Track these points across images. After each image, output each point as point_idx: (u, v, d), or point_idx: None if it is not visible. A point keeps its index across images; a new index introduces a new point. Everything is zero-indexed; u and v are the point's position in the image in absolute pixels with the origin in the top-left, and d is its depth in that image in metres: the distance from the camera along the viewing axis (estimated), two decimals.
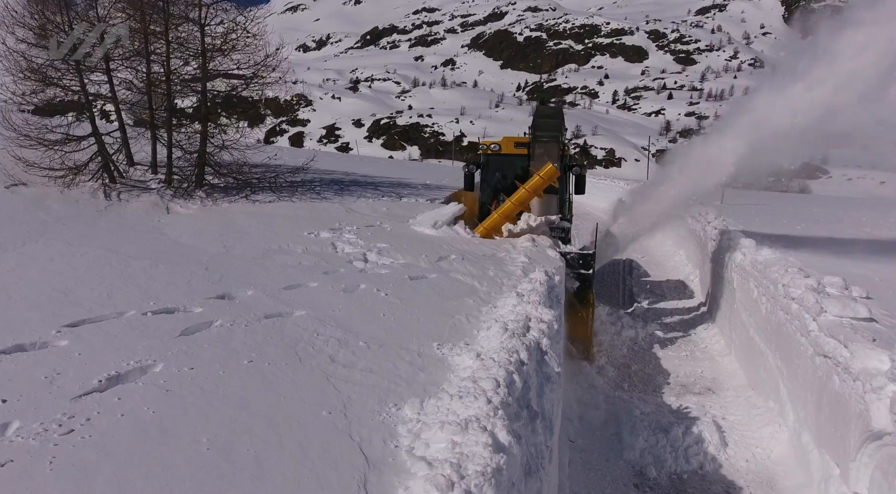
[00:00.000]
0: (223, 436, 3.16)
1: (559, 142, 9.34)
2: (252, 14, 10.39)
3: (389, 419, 3.52)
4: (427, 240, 8.11)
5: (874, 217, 14.40)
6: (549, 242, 8.38)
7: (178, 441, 3.07)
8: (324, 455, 3.11)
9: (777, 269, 7.41)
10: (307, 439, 3.23)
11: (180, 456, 2.95)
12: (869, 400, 4.95)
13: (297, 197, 10.66)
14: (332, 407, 3.59)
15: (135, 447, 2.97)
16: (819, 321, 5.93)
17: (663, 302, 11.74)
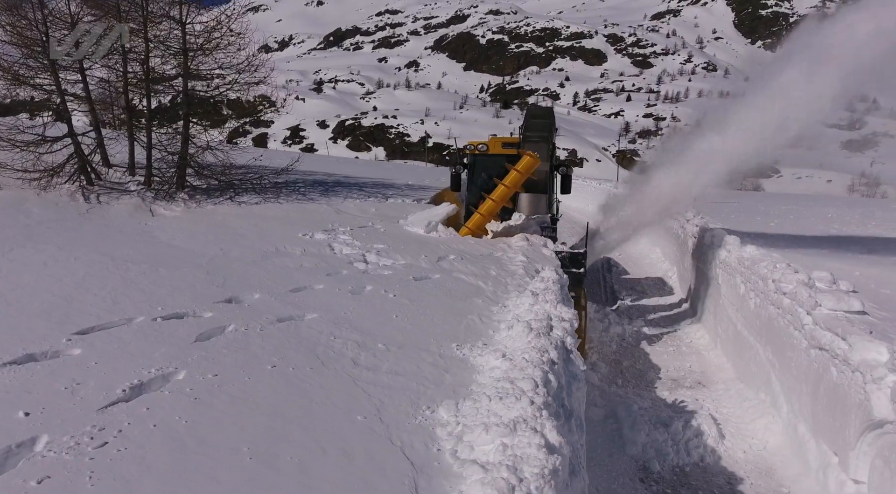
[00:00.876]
0: (262, 444, 3.03)
1: (549, 142, 9.38)
2: (235, 12, 10.11)
3: (426, 422, 3.44)
4: (422, 241, 8.03)
5: (839, 213, 14.91)
6: (542, 241, 8.39)
7: (217, 450, 2.94)
8: (369, 462, 3.01)
9: (765, 265, 7.57)
10: (349, 445, 3.13)
11: (223, 467, 2.81)
12: (870, 391, 5.08)
13: (283, 198, 10.44)
14: (365, 412, 3.49)
15: (174, 458, 2.83)
16: (814, 315, 6.07)
17: (645, 299, 11.89)
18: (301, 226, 8.27)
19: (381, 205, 10.47)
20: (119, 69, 10.50)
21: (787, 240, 10.16)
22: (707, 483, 6.01)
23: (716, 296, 9.34)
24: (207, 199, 9.90)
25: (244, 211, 9.17)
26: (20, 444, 2.79)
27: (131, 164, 10.91)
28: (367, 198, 10.94)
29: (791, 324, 6.57)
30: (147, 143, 10.44)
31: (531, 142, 9.55)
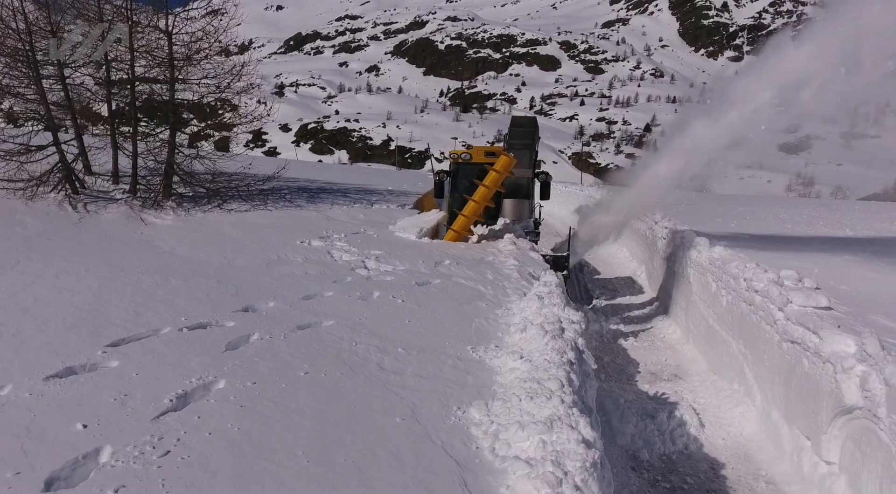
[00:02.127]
0: (316, 448, 3.13)
1: (532, 150, 9.63)
2: (223, 24, 10.02)
3: (460, 422, 3.59)
4: (416, 247, 8.15)
5: (790, 214, 15.68)
6: (528, 245, 8.62)
7: (276, 455, 3.02)
8: (417, 461, 3.14)
9: (736, 265, 7.97)
10: (394, 446, 3.25)
11: (287, 471, 2.90)
12: (840, 380, 5.45)
13: (271, 205, 10.40)
14: (402, 414, 3.61)
15: (237, 464, 2.90)
16: (785, 311, 6.45)
17: (618, 297, 12.28)
18: (296, 233, 8.28)
19: (368, 211, 10.54)
20: (103, 78, 10.30)
21: (749, 240, 10.65)
22: (693, 470, 6.32)
23: (687, 294, 9.74)
24: (195, 207, 9.79)
25: (235, 218, 9.12)
26: (86, 455, 2.82)
27: (115, 173, 10.70)
28: (354, 205, 10.99)
29: (763, 320, 6.96)
30: (133, 152, 10.26)
31: (515, 150, 9.80)
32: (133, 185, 10.25)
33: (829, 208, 18.56)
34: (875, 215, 17.34)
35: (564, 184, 24.62)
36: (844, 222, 14.81)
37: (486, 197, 8.79)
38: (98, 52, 10.00)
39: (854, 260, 9.49)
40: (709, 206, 16.44)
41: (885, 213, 18.25)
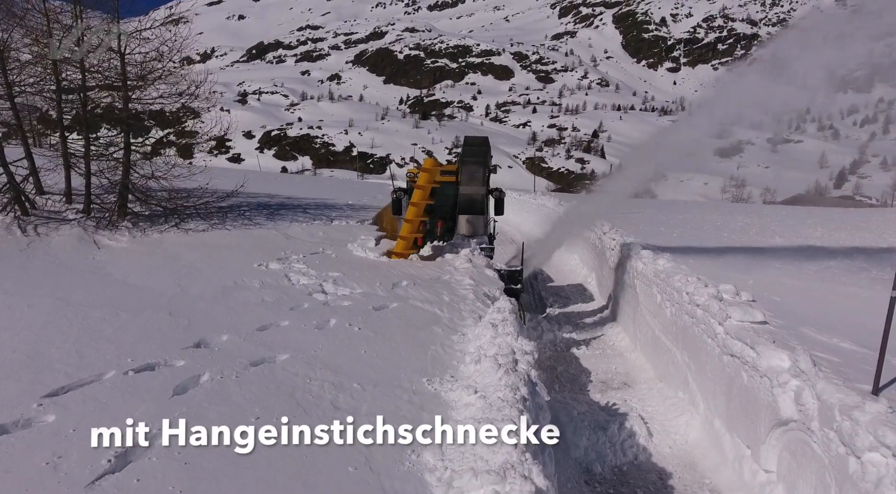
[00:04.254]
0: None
1: (485, 167, 9.50)
2: (178, 44, 9.53)
3: (414, 468, 3.39)
4: (374, 266, 7.91)
5: (725, 220, 16.08)
6: (483, 261, 8.48)
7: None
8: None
9: (679, 279, 8.02)
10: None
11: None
12: (776, 393, 5.49)
13: (230, 223, 9.97)
14: (356, 461, 3.40)
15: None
16: (725, 325, 6.50)
17: (570, 305, 12.29)
18: (254, 254, 7.93)
19: (327, 228, 10.22)
20: (54, 98, 9.69)
21: (690, 251, 10.80)
22: (643, 480, 6.29)
23: (634, 304, 9.79)
24: (152, 227, 9.30)
25: (193, 239, 8.69)
26: None
27: (68, 192, 10.09)
28: (313, 222, 10.64)
29: (704, 332, 7.00)
30: (86, 170, 9.69)
31: (468, 164, 9.65)
32: (87, 205, 9.68)
33: (760, 214, 19.16)
34: (801, 221, 17.99)
35: (518, 193, 24.70)
36: (774, 229, 15.29)
37: (416, 213, 8.50)
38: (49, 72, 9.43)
39: (783, 270, 9.72)
40: (652, 214, 16.69)
41: (810, 219, 18.95)
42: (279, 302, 6.08)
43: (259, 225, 9.99)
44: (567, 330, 10.66)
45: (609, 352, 9.78)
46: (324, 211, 11.91)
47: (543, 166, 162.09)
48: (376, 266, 7.92)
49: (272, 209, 11.57)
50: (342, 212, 11.88)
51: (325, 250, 8.50)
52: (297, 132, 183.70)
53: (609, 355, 9.66)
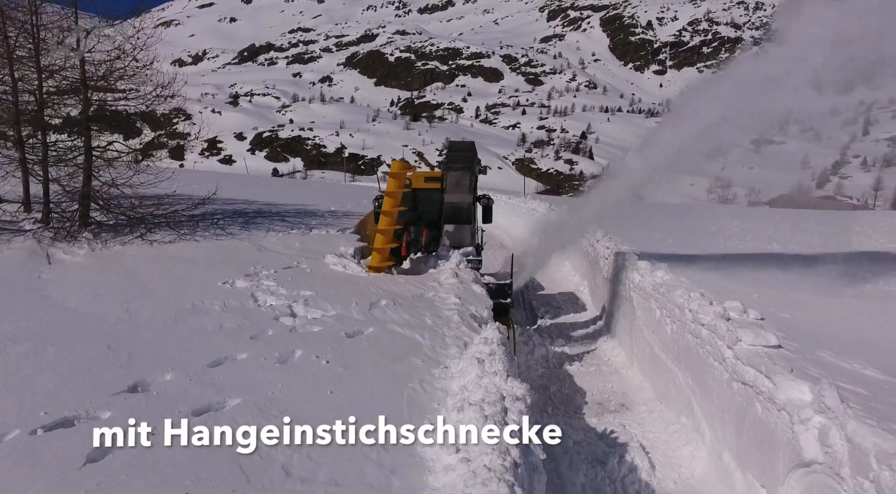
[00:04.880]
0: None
1: (471, 174, 8.79)
2: (140, 42, 8.72)
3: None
4: (351, 282, 7.16)
5: (721, 225, 15.45)
6: (471, 275, 7.76)
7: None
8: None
9: (681, 294, 7.34)
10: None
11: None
12: (797, 431, 4.82)
13: (201, 234, 9.17)
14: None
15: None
16: (735, 349, 5.82)
17: (562, 315, 11.61)
18: (221, 270, 7.15)
19: (305, 237, 9.45)
20: (10, 99, 8.85)
21: (688, 261, 10.15)
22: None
23: (630, 317, 9.12)
24: (115, 238, 8.48)
25: (157, 252, 7.89)
26: None
27: (26, 200, 9.25)
28: (291, 231, 9.86)
29: (711, 355, 6.33)
30: (44, 177, 8.85)
31: (454, 170, 8.93)
32: (45, 214, 8.84)
33: (755, 219, 18.60)
34: (796, 225, 17.44)
35: (508, 196, 24.01)
36: (771, 234, 14.70)
37: (388, 223, 7.65)
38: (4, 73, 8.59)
39: (787, 281, 9.08)
40: (644, 219, 16.05)
41: (804, 223, 18.41)
42: (240, 329, 5.32)
43: (232, 235, 9.20)
44: (559, 343, 9.98)
45: (604, 369, 9.10)
46: (303, 218, 11.12)
47: (533, 167, 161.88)
48: (354, 282, 7.17)
49: (248, 217, 10.76)
50: (323, 220, 11.09)
51: (300, 264, 7.74)
52: (288, 134, 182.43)
53: (605, 372, 8.98)
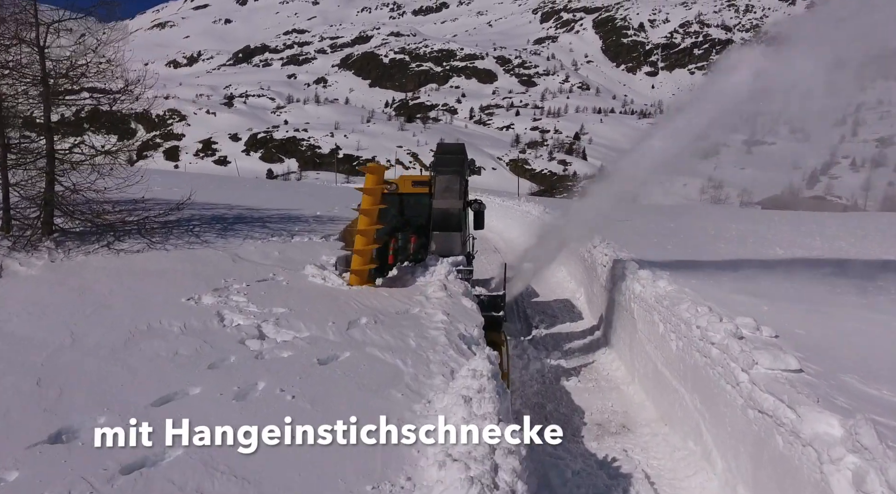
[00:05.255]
0: None
1: (462, 177, 8.16)
2: (105, 36, 8.05)
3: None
4: (330, 296, 6.51)
5: (718, 228, 14.87)
6: (461, 288, 7.13)
7: None
8: None
9: (687, 308, 6.74)
10: None
11: None
12: (827, 471, 4.22)
13: (174, 242, 8.50)
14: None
15: None
16: (751, 374, 5.22)
17: (558, 325, 11.00)
18: (188, 283, 6.49)
19: (285, 246, 8.79)
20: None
21: (688, 268, 9.57)
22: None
23: (631, 329, 8.52)
24: (80, 247, 7.80)
25: (121, 263, 7.22)
26: None
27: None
28: (271, 238, 9.19)
29: (723, 377, 5.73)
30: (3, 181, 8.17)
31: (443, 175, 8.30)
32: (6, 222, 8.16)
33: (754, 221, 18.01)
34: (796, 228, 16.89)
35: (502, 198, 23.38)
36: (771, 238, 14.14)
37: (367, 223, 6.98)
38: None
39: (796, 291, 8.50)
40: (642, 223, 15.47)
41: (804, 226, 17.88)
42: (198, 355, 4.67)
43: (206, 243, 8.53)
44: (555, 356, 9.38)
45: (603, 384, 8.50)
46: (286, 224, 10.45)
47: (526, 168, 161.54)
48: (334, 296, 6.53)
49: (227, 223, 10.07)
50: (307, 226, 10.42)
51: (276, 276, 7.08)
52: (283, 134, 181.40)
53: (604, 388, 8.38)
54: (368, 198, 6.73)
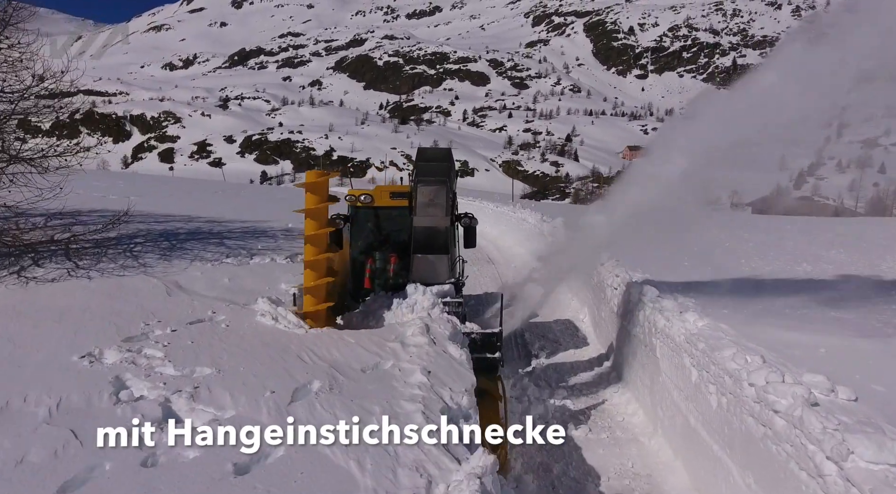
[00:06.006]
0: None
1: (448, 189, 6.61)
2: (8, 16, 6.47)
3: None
4: (278, 345, 4.97)
5: (733, 242, 13.40)
6: (448, 328, 5.59)
7: None
8: None
9: (732, 356, 5.24)
10: None
11: None
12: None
13: (104, 265, 6.94)
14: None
15: None
16: (846, 468, 3.72)
17: (561, 352, 9.48)
18: (94, 330, 4.94)
19: (239, 269, 7.24)
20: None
21: (714, 292, 8.11)
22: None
23: (652, 369, 7.02)
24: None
25: (21, 298, 5.66)
26: None
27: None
28: (225, 259, 7.64)
29: (794, 460, 4.23)
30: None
31: (426, 185, 6.71)
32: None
33: (765, 230, 16.56)
34: (813, 238, 15.39)
35: (495, 204, 21.84)
36: (791, 250, 12.66)
37: (314, 252, 5.37)
38: None
39: (846, 323, 7.02)
40: (646, 233, 13.97)
41: (820, 234, 16.40)
42: (54, 462, 3.12)
43: (144, 267, 6.96)
44: (560, 395, 7.87)
45: (619, 435, 6.99)
46: (249, 240, 8.88)
47: (519, 169, 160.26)
48: (283, 346, 4.98)
49: (178, 240, 8.49)
50: (272, 243, 8.86)
51: (216, 315, 5.54)
52: (277, 136, 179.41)
53: (620, 440, 6.86)
54: (313, 221, 5.18)
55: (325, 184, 5.24)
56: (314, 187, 5.13)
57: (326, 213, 5.35)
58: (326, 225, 5.32)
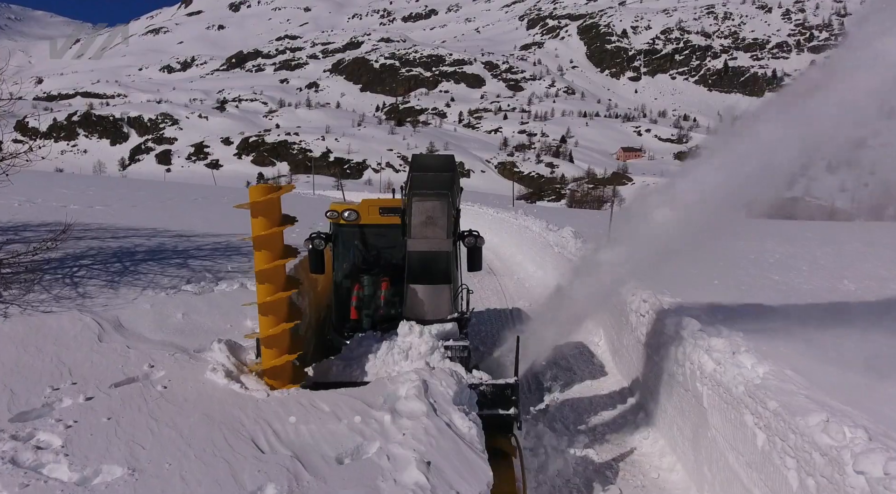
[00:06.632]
0: None
1: (450, 204, 5.31)
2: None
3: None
4: (224, 419, 3.66)
5: (755, 249, 12.16)
6: (450, 386, 4.30)
7: None
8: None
9: (821, 426, 3.97)
10: None
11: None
12: None
13: (33, 296, 5.62)
14: None
15: None
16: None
17: (577, 384, 8.20)
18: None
19: (198, 299, 5.93)
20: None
21: (760, 318, 6.84)
22: None
23: (696, 420, 5.74)
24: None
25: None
26: None
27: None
28: (184, 285, 6.32)
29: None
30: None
31: (422, 203, 5.38)
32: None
33: (788, 238, 15.25)
34: (839, 247, 14.11)
35: (495, 209, 20.52)
36: (824, 262, 11.43)
37: (270, 291, 4.08)
38: None
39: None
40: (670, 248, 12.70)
41: (845, 244, 15.13)
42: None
43: (80, 298, 5.65)
44: (581, 442, 6.59)
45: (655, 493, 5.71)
46: (218, 260, 7.57)
47: (515, 170, 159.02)
48: (235, 420, 3.67)
49: (134, 260, 7.16)
50: (245, 263, 7.55)
51: (153, 371, 4.23)
52: (274, 138, 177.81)
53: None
54: (263, 253, 3.87)
55: (276, 203, 3.91)
56: (262, 207, 3.79)
57: (281, 240, 4.04)
58: (282, 254, 4.01)
